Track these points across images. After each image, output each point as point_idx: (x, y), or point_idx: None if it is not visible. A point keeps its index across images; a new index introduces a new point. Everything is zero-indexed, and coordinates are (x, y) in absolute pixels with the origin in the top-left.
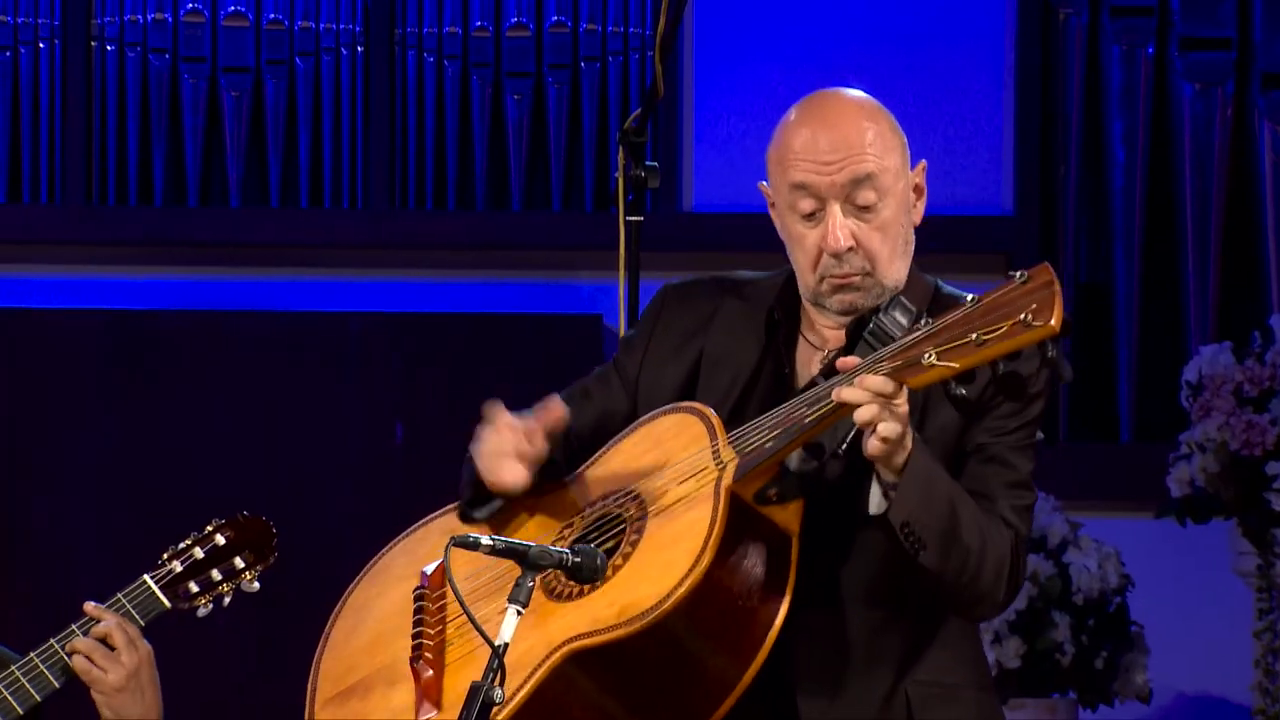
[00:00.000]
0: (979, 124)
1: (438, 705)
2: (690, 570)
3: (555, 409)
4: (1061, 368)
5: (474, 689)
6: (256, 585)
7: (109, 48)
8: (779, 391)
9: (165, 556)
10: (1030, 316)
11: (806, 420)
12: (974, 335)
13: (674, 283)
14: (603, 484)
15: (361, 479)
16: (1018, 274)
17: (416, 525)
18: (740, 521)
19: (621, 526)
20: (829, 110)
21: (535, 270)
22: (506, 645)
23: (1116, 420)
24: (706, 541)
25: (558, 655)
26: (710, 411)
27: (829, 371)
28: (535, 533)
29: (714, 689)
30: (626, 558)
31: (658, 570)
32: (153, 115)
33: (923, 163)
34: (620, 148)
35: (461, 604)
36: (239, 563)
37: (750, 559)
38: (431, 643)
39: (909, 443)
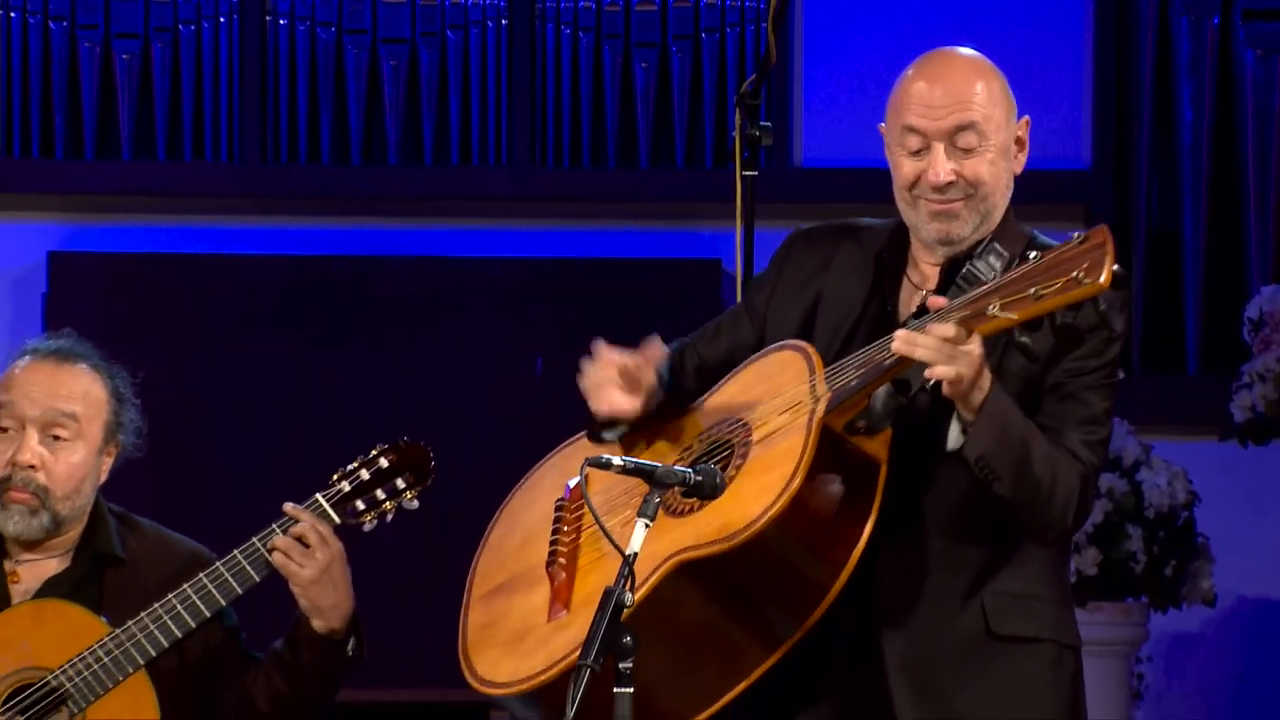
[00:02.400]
0: (1062, 87)
1: (566, 606)
2: (781, 493)
3: (654, 346)
4: (1111, 320)
5: (607, 593)
6: (416, 504)
7: (281, 22)
8: (882, 328)
9: (335, 477)
10: (1082, 274)
11: (886, 363)
12: (1033, 289)
13: (803, 228)
14: (718, 412)
15: (505, 408)
16: (1076, 234)
17: (566, 443)
18: (830, 450)
19: (729, 451)
20: (944, 65)
21: (661, 220)
22: (636, 554)
23: (1184, 353)
24: (797, 467)
25: (667, 566)
26: (811, 349)
27: (920, 314)
28: (658, 454)
29: (804, 600)
30: (731, 480)
31: (755, 492)
32: (320, 82)
33: (1026, 118)
34: (737, 109)
35: (596, 519)
36: (400, 483)
37: (838, 484)
38: (565, 549)
39: (985, 384)
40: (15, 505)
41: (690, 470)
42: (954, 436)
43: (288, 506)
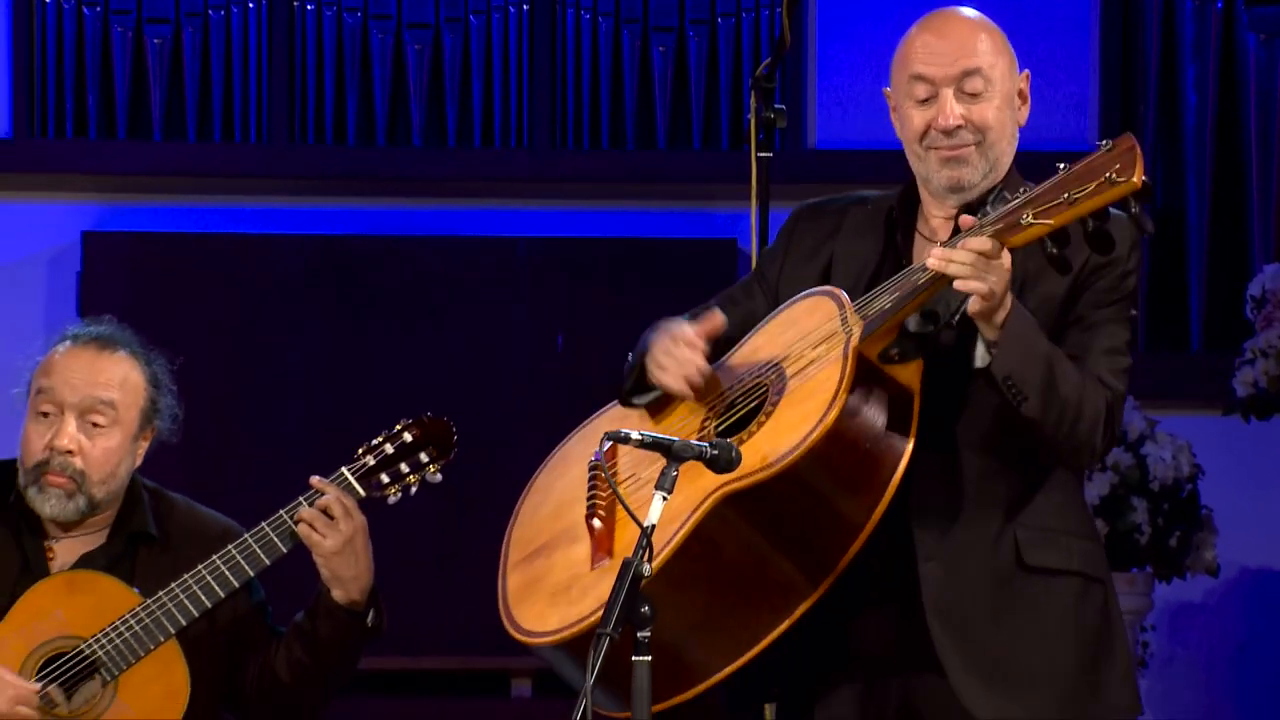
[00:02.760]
0: (1069, 70)
1: (609, 553)
2: (821, 419)
3: (716, 317)
4: (1143, 220)
5: (625, 564)
6: (439, 477)
7: (309, 7)
8: None
9: (360, 451)
10: (1115, 175)
11: (920, 282)
12: (1066, 195)
13: (806, 202)
14: (746, 364)
15: (527, 383)
16: (1103, 143)
17: (590, 418)
18: (866, 378)
19: (764, 391)
20: (947, 19)
21: (678, 200)
22: (654, 526)
23: (1188, 330)
24: (835, 394)
25: (712, 498)
26: (839, 290)
27: (955, 236)
28: (687, 413)
29: (846, 525)
30: (769, 415)
31: (795, 422)
32: (346, 66)
33: (1026, 71)
34: (752, 93)
35: (614, 490)
36: (424, 457)
37: (875, 410)
38: (604, 503)
39: (1009, 303)
40: (52, 488)
41: (707, 445)
42: (980, 356)
43: (314, 479)
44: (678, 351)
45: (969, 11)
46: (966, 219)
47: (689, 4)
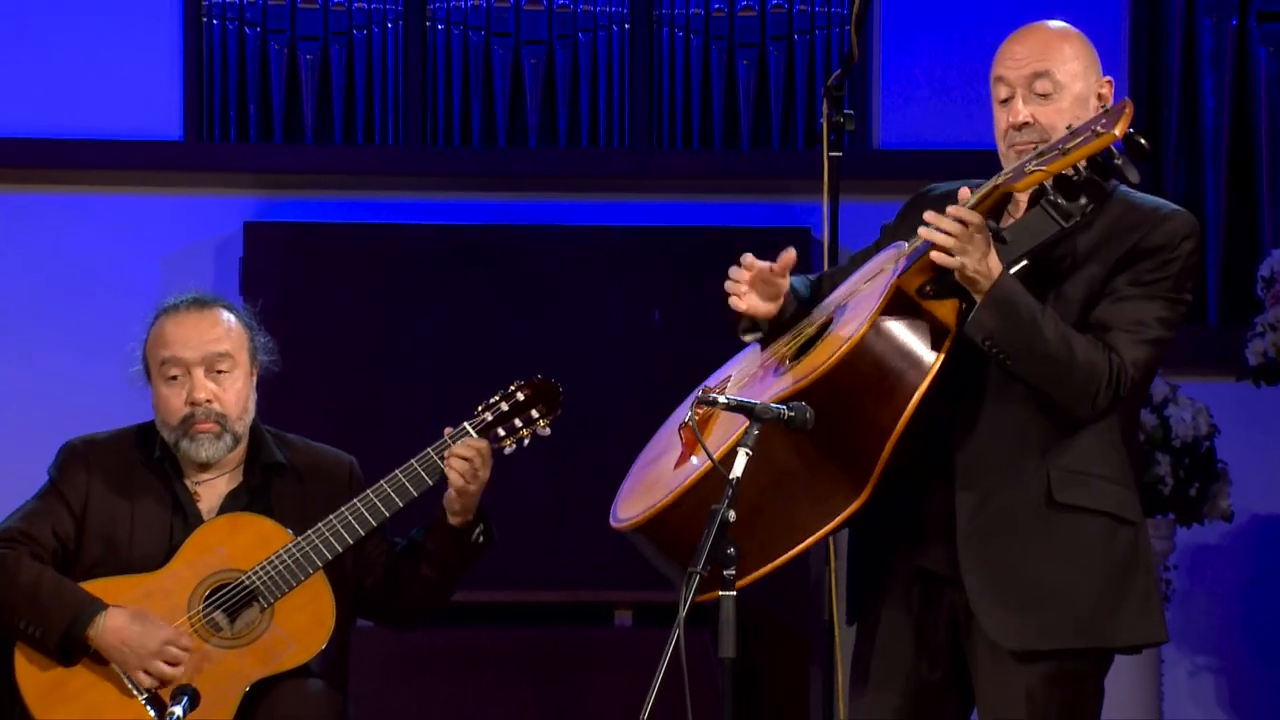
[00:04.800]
0: None
1: (688, 458)
2: (851, 337)
3: (788, 253)
4: (1127, 170)
5: (712, 512)
6: (548, 431)
7: (439, 27)
8: None
9: (479, 409)
10: (1100, 126)
11: None
12: (1060, 146)
13: (926, 186)
14: (834, 300)
15: (626, 354)
16: (1104, 107)
17: (736, 355)
18: (900, 306)
19: (831, 317)
20: (1031, 28)
21: (758, 194)
22: (738, 478)
23: (1206, 306)
24: (869, 315)
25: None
26: (904, 243)
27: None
28: (789, 338)
29: (876, 430)
30: (827, 335)
31: (836, 340)
32: (471, 77)
33: (1109, 79)
34: (825, 99)
35: (696, 436)
36: (534, 413)
37: (903, 332)
38: (700, 417)
39: (992, 272)
40: (202, 434)
41: (784, 406)
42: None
43: (448, 431)
44: (733, 273)
45: (1055, 23)
46: (964, 192)
47: (769, 23)
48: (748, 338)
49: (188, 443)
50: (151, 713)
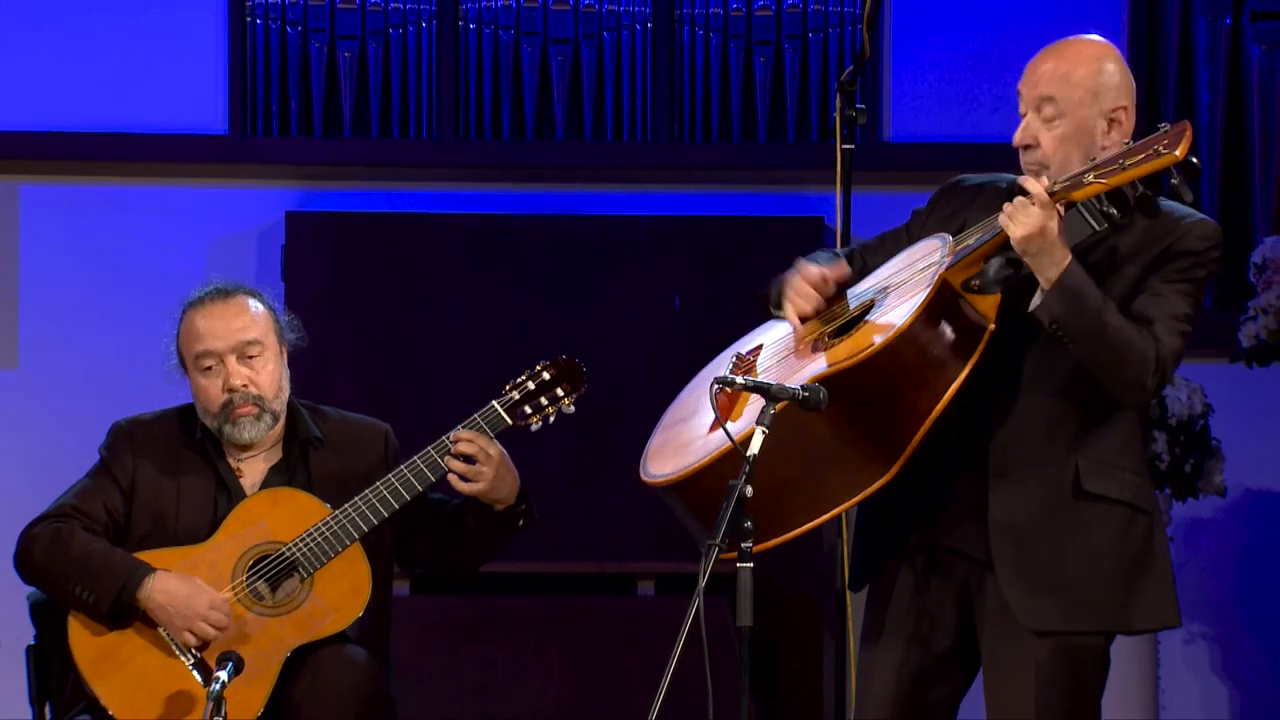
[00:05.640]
0: None
1: (730, 416)
2: (901, 322)
3: (842, 268)
4: (1183, 191)
5: (731, 487)
6: (573, 409)
7: (470, 27)
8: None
9: (507, 388)
10: (1162, 147)
11: (998, 224)
12: (1120, 161)
13: (957, 176)
14: (869, 286)
15: (648, 336)
16: (1163, 125)
17: (759, 328)
18: (945, 299)
19: (873, 305)
20: (1059, 48)
21: (774, 185)
22: (755, 455)
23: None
24: (916, 306)
25: (809, 381)
26: (947, 235)
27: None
28: (819, 321)
29: (913, 414)
30: (867, 322)
31: (882, 325)
32: (501, 74)
33: (1124, 104)
34: (838, 94)
35: (721, 423)
36: (559, 391)
37: (947, 327)
38: (736, 383)
39: (1062, 261)
40: (243, 418)
41: (799, 388)
42: (1035, 301)
43: (455, 432)
44: (802, 289)
45: (1078, 40)
46: (1025, 180)
47: (785, 22)
48: (778, 313)
49: (230, 427)
50: (197, 677)
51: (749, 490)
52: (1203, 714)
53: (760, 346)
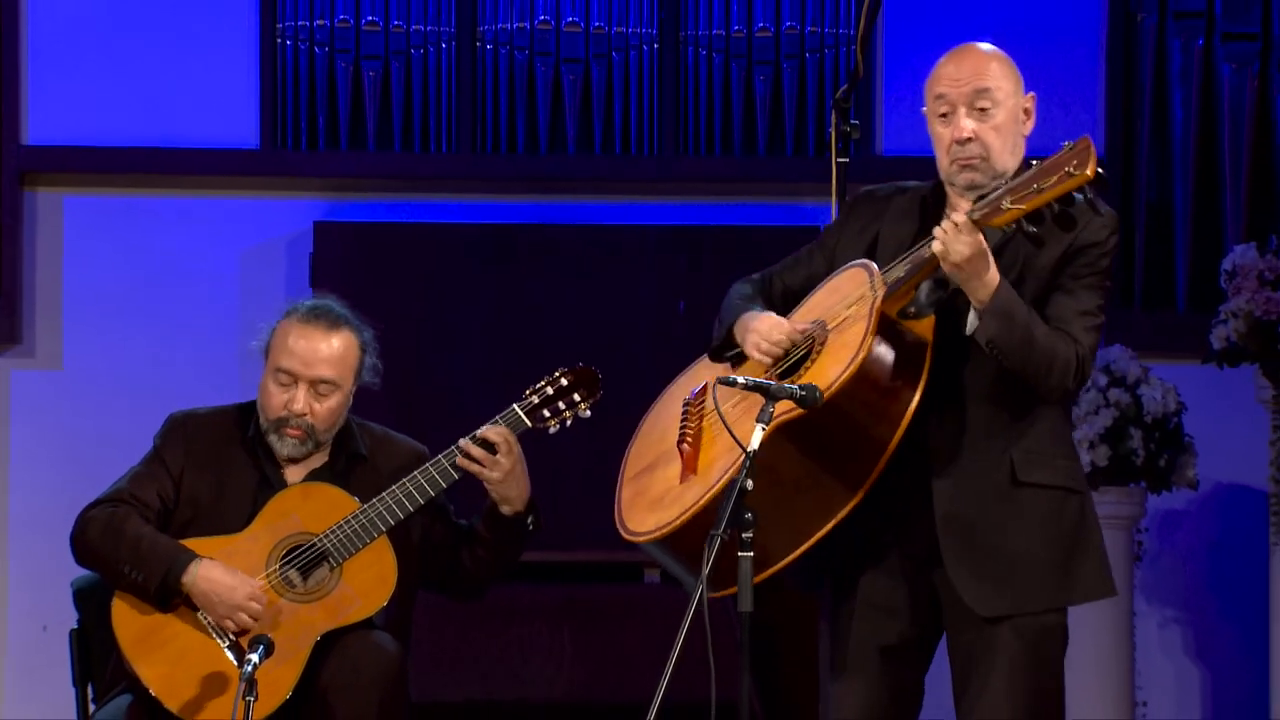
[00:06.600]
0: (1081, 93)
1: (694, 471)
2: (849, 362)
3: (802, 327)
4: (1096, 203)
5: (732, 483)
6: (589, 413)
7: (488, 47)
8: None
9: (526, 392)
10: (1072, 168)
11: (926, 255)
12: (1035, 185)
13: (863, 189)
14: (803, 320)
15: (655, 339)
16: (1065, 144)
17: (690, 366)
18: (887, 330)
19: (812, 343)
20: (965, 50)
21: (773, 196)
22: (755, 451)
23: (1175, 295)
24: (861, 343)
25: (769, 429)
26: (870, 262)
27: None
28: (760, 367)
29: (871, 449)
30: (814, 361)
31: (831, 366)
32: (516, 92)
33: (1032, 94)
34: (833, 111)
35: (721, 418)
36: (576, 397)
37: (893, 356)
38: (691, 432)
39: (991, 283)
40: (290, 438)
41: (796, 387)
42: (971, 323)
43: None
44: (777, 339)
45: (985, 45)
46: (958, 215)
47: (784, 43)
48: (729, 354)
49: (275, 438)
50: (232, 658)
51: (749, 483)
52: (1176, 693)
53: (705, 387)
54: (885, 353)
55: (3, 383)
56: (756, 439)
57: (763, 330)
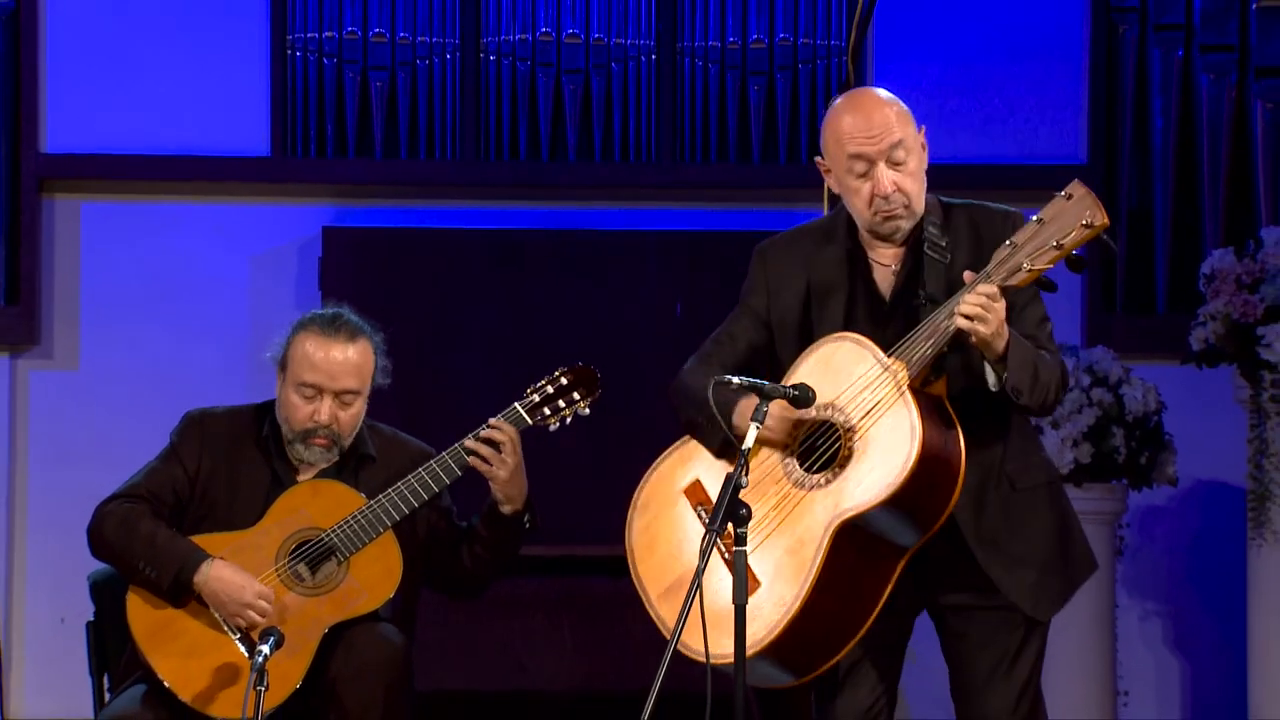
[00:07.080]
0: (1064, 102)
1: (757, 581)
2: (909, 452)
3: (811, 413)
4: (1111, 245)
5: (728, 478)
6: (588, 411)
7: (491, 58)
8: (876, 305)
9: (527, 391)
10: (1088, 220)
11: (950, 329)
12: (1054, 241)
13: (765, 242)
14: (819, 406)
15: (653, 340)
16: (1062, 193)
17: (669, 450)
18: (923, 403)
19: (834, 430)
20: (865, 101)
21: (767, 202)
22: (750, 448)
23: (1155, 298)
24: (914, 425)
25: (832, 530)
26: (860, 335)
27: (952, 287)
28: (764, 454)
29: (931, 516)
30: (852, 453)
31: (887, 455)
32: (519, 101)
33: (923, 126)
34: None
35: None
36: (576, 396)
37: (937, 426)
38: (728, 541)
39: (1005, 333)
40: (317, 447)
41: (790, 387)
42: (992, 380)
43: (490, 421)
44: (781, 430)
45: (880, 92)
46: (969, 274)
47: (777, 54)
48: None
49: (302, 448)
50: (243, 650)
51: (745, 479)
52: (1157, 685)
53: (697, 481)
54: (931, 428)
55: (22, 383)
56: (750, 437)
57: (768, 428)
